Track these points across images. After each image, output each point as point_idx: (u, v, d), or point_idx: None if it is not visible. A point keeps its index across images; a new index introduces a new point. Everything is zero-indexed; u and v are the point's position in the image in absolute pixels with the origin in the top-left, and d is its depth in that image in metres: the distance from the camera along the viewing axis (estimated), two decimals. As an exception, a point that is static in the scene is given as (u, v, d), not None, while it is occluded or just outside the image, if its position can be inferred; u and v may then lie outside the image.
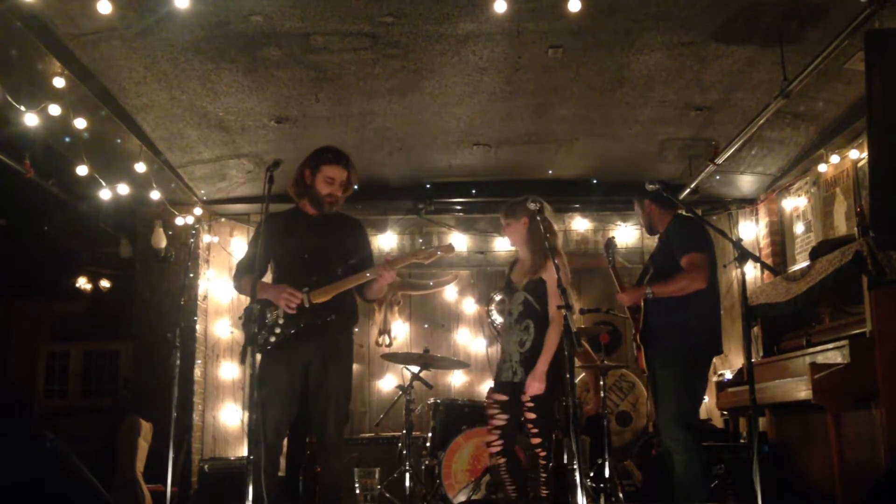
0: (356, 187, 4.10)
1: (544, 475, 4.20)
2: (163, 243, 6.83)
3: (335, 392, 3.85)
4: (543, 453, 4.17)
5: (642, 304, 4.39)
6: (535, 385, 4.07)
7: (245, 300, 4.18)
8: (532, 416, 4.12)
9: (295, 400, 3.85)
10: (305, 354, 3.83)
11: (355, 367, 7.29)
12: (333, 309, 3.84)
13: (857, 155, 5.60)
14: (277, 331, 3.80)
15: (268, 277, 4.11)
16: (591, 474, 5.25)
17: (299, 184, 4.01)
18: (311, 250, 3.89)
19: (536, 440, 4.15)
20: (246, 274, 3.99)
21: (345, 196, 4.04)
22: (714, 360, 5.31)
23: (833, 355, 4.39)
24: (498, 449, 4.23)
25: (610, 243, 4.75)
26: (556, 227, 4.38)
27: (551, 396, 4.15)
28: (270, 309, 3.83)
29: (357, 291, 4.03)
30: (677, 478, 4.10)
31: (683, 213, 4.51)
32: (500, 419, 4.25)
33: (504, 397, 4.24)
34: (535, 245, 4.21)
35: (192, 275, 6.81)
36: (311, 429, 3.87)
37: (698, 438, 4.18)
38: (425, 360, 5.50)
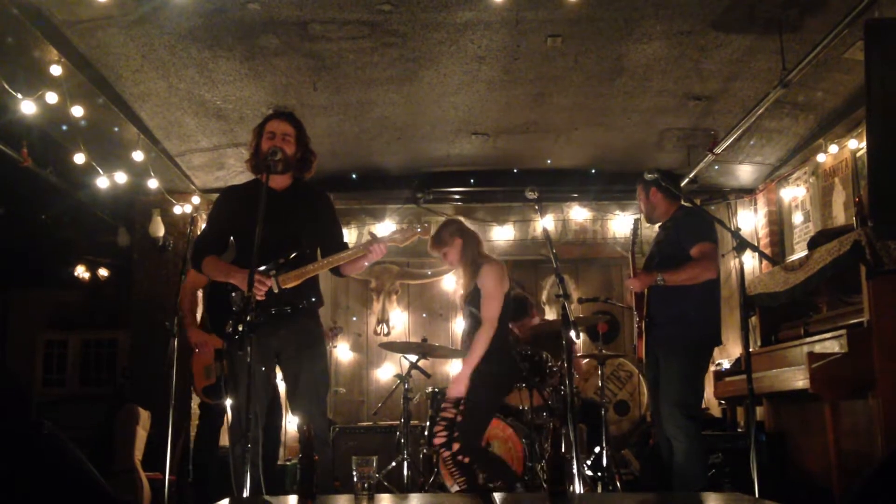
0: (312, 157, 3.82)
1: (460, 475, 4.31)
2: (161, 232, 6.83)
3: (315, 383, 3.69)
4: (446, 454, 4.31)
5: (646, 292, 4.38)
6: (454, 387, 4.33)
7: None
8: (451, 414, 4.34)
9: (269, 389, 3.79)
10: (276, 343, 3.64)
11: (353, 356, 7.44)
12: (303, 294, 3.66)
13: (856, 145, 5.59)
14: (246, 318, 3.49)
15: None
16: (589, 463, 5.27)
17: (253, 156, 3.76)
18: (276, 227, 3.48)
19: (441, 438, 4.33)
20: (207, 253, 3.75)
21: (296, 156, 3.75)
22: (712, 350, 5.31)
23: (831, 345, 4.40)
24: (442, 440, 4.36)
25: (636, 225, 4.78)
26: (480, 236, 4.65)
27: (475, 398, 4.31)
28: (237, 293, 3.62)
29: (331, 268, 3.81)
30: (677, 466, 4.10)
31: (684, 203, 4.50)
32: (450, 412, 4.39)
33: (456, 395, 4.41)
34: (468, 258, 4.48)
35: (189, 264, 6.79)
36: (297, 419, 3.77)
37: (700, 428, 4.18)
38: (423, 349, 5.50)
